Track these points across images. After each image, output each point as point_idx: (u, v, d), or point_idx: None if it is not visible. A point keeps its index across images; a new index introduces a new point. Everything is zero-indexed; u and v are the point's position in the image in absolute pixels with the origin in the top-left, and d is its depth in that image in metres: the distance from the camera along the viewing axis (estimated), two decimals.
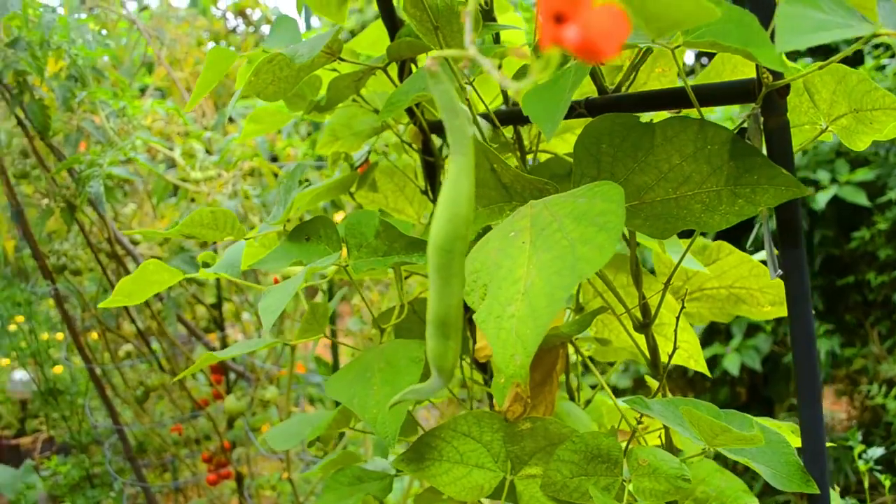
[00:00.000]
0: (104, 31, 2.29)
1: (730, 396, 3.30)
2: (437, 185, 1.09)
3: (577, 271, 0.46)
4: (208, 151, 1.98)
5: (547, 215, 0.52)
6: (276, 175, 1.86)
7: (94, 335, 2.41)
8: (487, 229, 0.68)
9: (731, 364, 2.97)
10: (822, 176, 3.02)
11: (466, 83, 0.75)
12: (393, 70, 0.99)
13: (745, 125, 0.59)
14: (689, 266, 0.87)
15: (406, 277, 0.99)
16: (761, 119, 0.58)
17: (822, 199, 2.91)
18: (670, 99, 0.65)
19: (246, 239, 0.86)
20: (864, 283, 3.04)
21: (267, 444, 1.10)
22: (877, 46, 3.07)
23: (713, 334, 3.23)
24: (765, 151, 0.59)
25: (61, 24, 1.61)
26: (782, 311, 0.94)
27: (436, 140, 1.05)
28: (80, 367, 2.94)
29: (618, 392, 3.19)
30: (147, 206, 2.54)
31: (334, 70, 0.99)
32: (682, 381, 3.33)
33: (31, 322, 3.34)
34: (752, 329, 3.17)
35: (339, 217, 1.67)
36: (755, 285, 0.96)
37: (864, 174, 2.93)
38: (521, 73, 0.85)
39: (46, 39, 1.65)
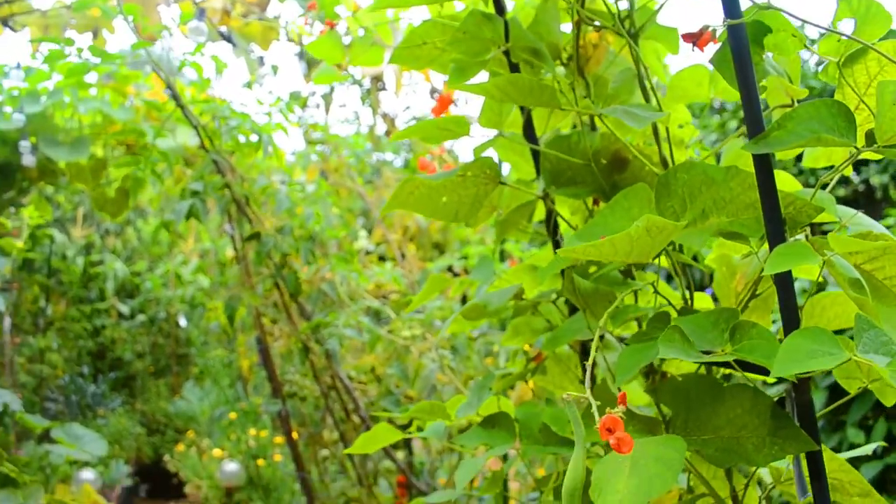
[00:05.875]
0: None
1: None
2: (591, 376, 1.43)
3: (650, 495, 0.78)
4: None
5: (640, 453, 0.85)
6: (471, 338, 2.28)
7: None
8: None
9: None
10: None
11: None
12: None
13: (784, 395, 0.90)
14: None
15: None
16: (793, 394, 0.88)
17: None
18: (729, 365, 0.96)
19: (448, 421, 1.24)
20: None
21: None
22: None
23: None
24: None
25: (316, 215, 2.15)
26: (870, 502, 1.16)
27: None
28: (289, 471, 3.45)
29: None
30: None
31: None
32: None
33: (247, 422, 3.97)
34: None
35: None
36: (845, 478, 1.19)
37: None
38: None
39: (304, 223, 2.20)
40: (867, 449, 1.37)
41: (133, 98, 2.38)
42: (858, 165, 5.23)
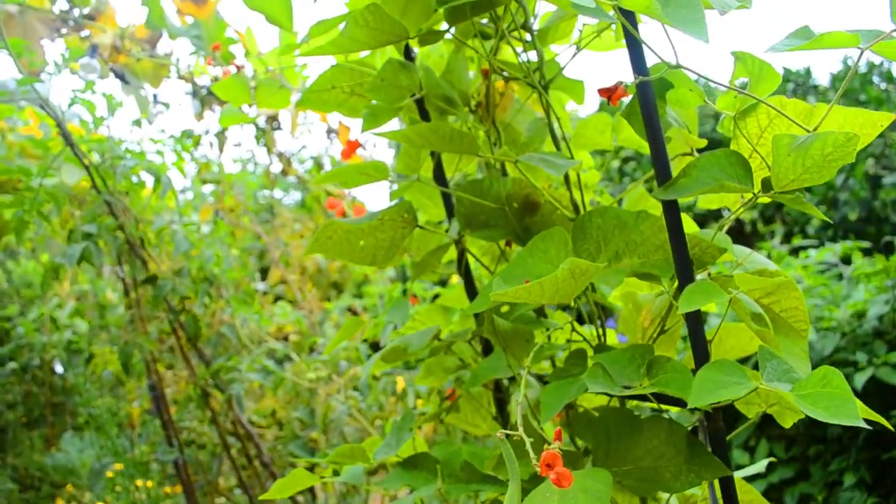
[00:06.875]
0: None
1: None
2: (504, 412, 1.46)
3: None
4: (312, 349, 2.42)
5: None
6: (375, 378, 2.27)
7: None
8: None
9: None
10: (861, 357, 3.27)
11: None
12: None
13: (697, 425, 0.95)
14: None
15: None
16: (706, 423, 0.94)
17: (859, 380, 3.13)
18: (645, 398, 1.01)
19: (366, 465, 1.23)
20: None
21: None
22: None
23: None
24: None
25: (216, 256, 2.10)
26: None
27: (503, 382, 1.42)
28: None
29: None
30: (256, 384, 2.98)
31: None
32: None
33: (135, 473, 3.77)
34: None
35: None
36: (746, 498, 1.26)
37: None
38: None
39: (202, 265, 2.14)
40: (760, 466, 1.45)
41: (6, 134, 2.27)
42: None
